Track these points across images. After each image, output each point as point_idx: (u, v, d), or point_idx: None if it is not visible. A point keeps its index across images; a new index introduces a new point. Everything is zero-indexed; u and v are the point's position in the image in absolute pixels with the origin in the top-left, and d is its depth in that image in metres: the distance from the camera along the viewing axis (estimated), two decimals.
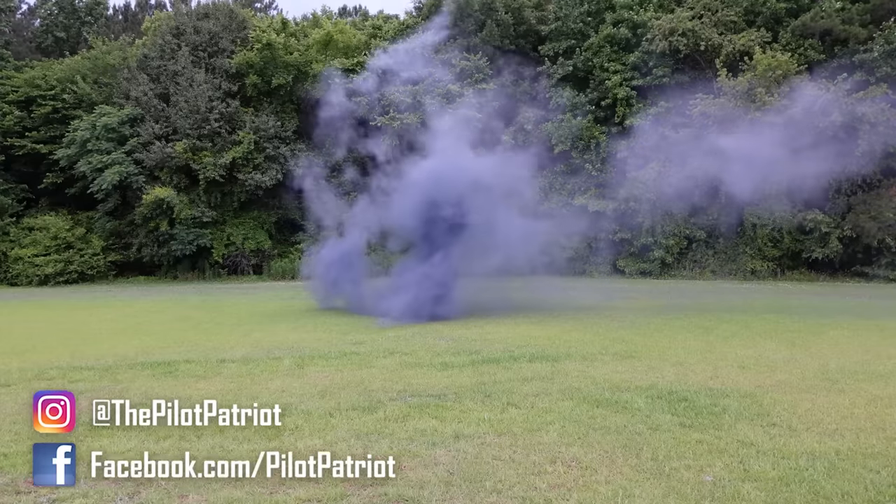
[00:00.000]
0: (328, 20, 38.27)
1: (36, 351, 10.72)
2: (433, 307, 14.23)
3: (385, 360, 9.01)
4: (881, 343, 10.55)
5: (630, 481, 4.40)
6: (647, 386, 7.13)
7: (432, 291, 14.38)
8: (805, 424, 5.68)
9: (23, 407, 6.28)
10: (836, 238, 27.59)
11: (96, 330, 13.90)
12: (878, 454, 4.94)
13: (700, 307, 16.44)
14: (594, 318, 13.90)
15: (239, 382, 7.57)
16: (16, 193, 34.86)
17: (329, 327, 13.15)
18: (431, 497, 4.19)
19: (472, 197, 14.61)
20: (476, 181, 14.66)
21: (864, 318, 14.35)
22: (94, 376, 8.09)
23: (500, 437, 5.33)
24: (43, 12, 42.01)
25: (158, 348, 10.66)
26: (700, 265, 29.92)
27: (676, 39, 28.84)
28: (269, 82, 34.05)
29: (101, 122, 32.35)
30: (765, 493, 4.22)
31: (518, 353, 9.34)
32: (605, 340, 10.64)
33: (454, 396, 6.69)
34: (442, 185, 14.46)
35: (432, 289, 14.40)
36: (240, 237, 33.39)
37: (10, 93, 34.70)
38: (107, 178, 31.56)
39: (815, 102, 24.81)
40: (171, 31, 35.08)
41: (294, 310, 16.90)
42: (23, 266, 32.16)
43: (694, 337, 11.06)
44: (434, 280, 14.48)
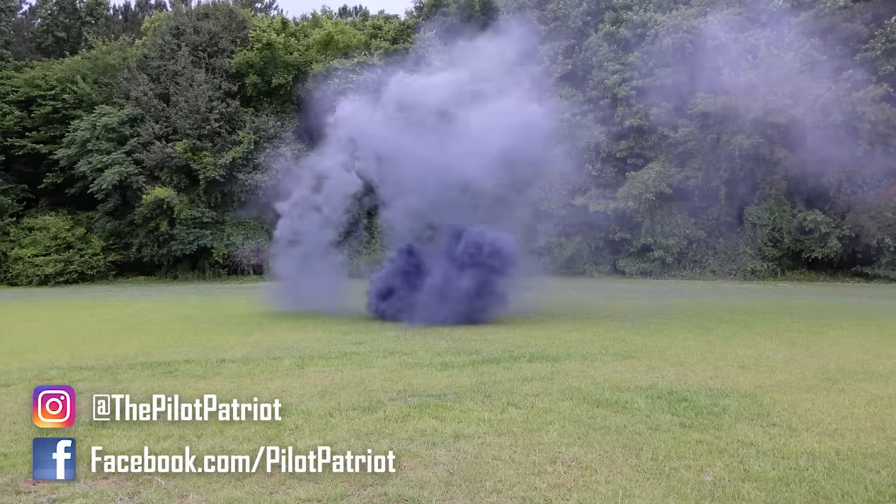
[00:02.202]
0: (328, 20, 38.29)
1: (36, 351, 10.71)
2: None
3: (385, 360, 9.01)
4: (881, 343, 10.55)
5: (630, 481, 4.40)
6: (647, 386, 7.13)
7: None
8: (805, 424, 5.68)
9: (23, 407, 6.27)
10: (836, 238, 27.61)
11: (96, 330, 13.89)
12: (879, 454, 4.94)
13: (700, 307, 16.45)
14: (594, 318, 13.90)
15: (239, 382, 7.56)
16: (16, 193, 34.87)
17: (329, 327, 13.15)
18: (431, 497, 4.18)
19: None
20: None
21: (864, 318, 14.35)
22: (94, 376, 8.09)
23: (500, 437, 5.33)
24: (43, 12, 42.01)
25: (158, 348, 10.66)
26: (700, 265, 29.94)
27: (681, 37, 28.79)
28: (269, 82, 34.07)
29: (101, 122, 32.38)
30: (765, 493, 4.22)
31: (518, 353, 9.33)
32: (605, 340, 10.64)
33: (454, 396, 6.69)
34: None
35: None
36: (240, 237, 33.40)
37: (11, 93, 34.71)
38: (107, 178, 31.58)
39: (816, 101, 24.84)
40: (171, 31, 35.09)
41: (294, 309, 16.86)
42: (23, 266, 32.17)
43: (694, 337, 11.06)
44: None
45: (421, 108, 14.47)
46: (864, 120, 26.11)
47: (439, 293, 13.46)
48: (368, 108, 15.54)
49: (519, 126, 13.76)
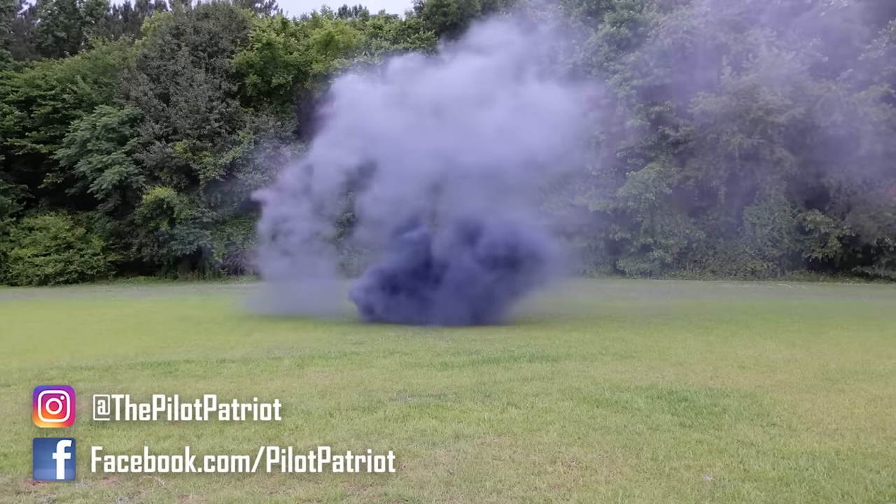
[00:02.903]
0: (328, 20, 38.28)
1: (36, 351, 10.71)
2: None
3: (385, 360, 9.01)
4: (881, 343, 10.55)
5: (630, 481, 4.40)
6: (647, 386, 7.13)
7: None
8: (805, 424, 5.68)
9: (23, 407, 6.27)
10: (836, 238, 27.61)
11: (96, 330, 13.89)
12: (879, 454, 4.94)
13: (700, 307, 16.44)
14: (594, 318, 13.90)
15: (239, 382, 7.56)
16: (16, 193, 34.86)
17: (329, 327, 13.14)
18: (431, 497, 4.18)
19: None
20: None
21: (864, 318, 14.35)
22: (94, 376, 8.09)
23: (500, 437, 5.33)
24: (43, 12, 41.99)
25: (158, 348, 10.65)
26: (700, 265, 29.95)
27: (682, 37, 28.77)
28: (269, 82, 34.05)
29: (101, 122, 32.37)
30: (765, 493, 4.22)
31: (518, 353, 9.33)
32: (605, 340, 10.64)
33: (454, 396, 6.69)
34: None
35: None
36: (240, 237, 33.38)
37: (10, 93, 34.70)
38: (107, 178, 31.57)
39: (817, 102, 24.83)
40: (170, 31, 35.08)
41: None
42: (23, 266, 32.15)
43: (694, 337, 11.06)
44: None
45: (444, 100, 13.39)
46: (864, 120, 26.11)
47: (459, 290, 12.62)
48: (375, 94, 14.56)
49: (550, 116, 13.04)
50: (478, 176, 13.06)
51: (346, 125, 14.41)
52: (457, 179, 13.28)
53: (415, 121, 13.54)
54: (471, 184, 13.13)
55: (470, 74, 13.56)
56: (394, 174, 13.66)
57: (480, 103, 13.36)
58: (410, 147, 13.28)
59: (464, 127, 13.20)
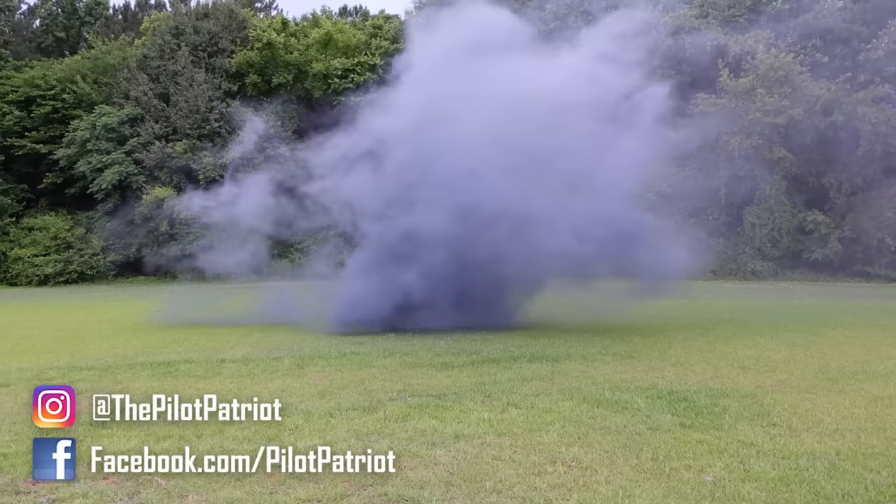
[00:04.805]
0: (328, 20, 38.29)
1: (35, 351, 10.70)
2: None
3: (385, 360, 9.00)
4: (881, 343, 10.54)
5: (630, 481, 4.39)
6: (647, 386, 7.13)
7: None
8: (805, 424, 5.67)
9: (22, 407, 6.27)
10: (836, 238, 27.61)
11: (96, 330, 13.88)
12: (879, 454, 4.93)
13: (700, 307, 16.43)
14: (594, 318, 13.88)
15: (239, 382, 7.56)
16: (16, 193, 34.87)
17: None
18: (431, 497, 4.18)
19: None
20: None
21: (864, 318, 14.34)
22: (94, 376, 8.09)
23: (500, 437, 5.33)
24: (43, 12, 42.02)
25: (158, 348, 10.65)
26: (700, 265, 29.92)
27: (681, 38, 28.80)
28: (269, 82, 34.06)
29: (101, 122, 32.38)
30: (765, 493, 4.22)
31: (518, 353, 9.33)
32: (605, 340, 10.63)
33: (454, 396, 6.68)
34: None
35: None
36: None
37: (10, 93, 34.71)
38: (106, 178, 31.59)
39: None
40: (170, 31, 35.09)
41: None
42: (23, 266, 32.16)
43: (694, 337, 11.05)
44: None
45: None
46: (864, 121, 26.12)
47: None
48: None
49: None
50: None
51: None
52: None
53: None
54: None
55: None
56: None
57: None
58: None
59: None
